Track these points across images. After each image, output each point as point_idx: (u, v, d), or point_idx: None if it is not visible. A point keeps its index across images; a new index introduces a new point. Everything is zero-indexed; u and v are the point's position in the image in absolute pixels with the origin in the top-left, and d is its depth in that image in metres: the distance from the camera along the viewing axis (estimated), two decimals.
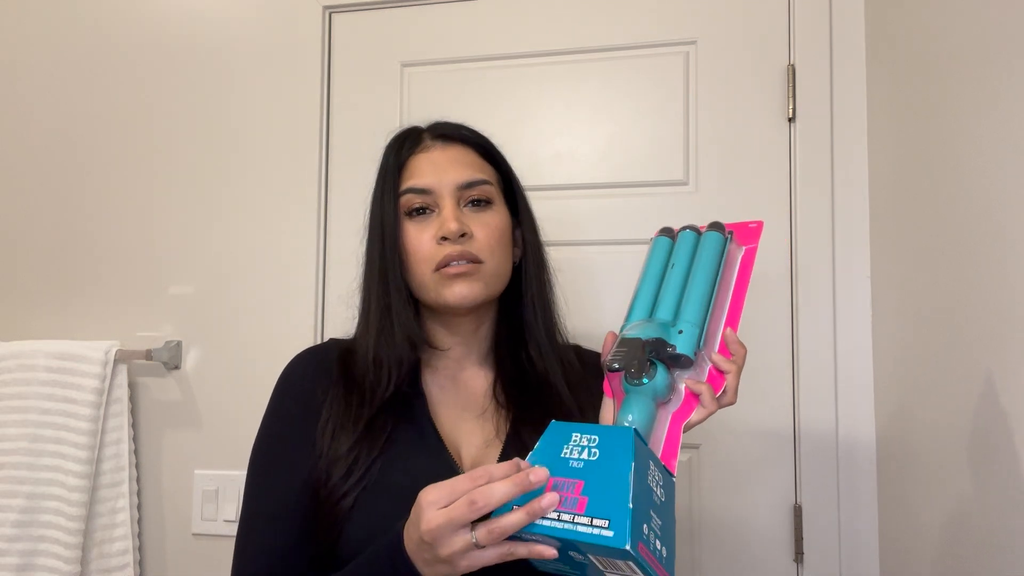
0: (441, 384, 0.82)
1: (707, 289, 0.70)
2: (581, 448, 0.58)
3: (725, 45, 1.23)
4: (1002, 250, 0.76)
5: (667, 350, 0.66)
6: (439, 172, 0.77)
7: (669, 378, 0.67)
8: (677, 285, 0.72)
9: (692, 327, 0.67)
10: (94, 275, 1.41)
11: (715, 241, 0.73)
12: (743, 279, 0.72)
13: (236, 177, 1.37)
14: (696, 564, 1.19)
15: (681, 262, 0.73)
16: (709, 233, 0.74)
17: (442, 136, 0.81)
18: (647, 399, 0.65)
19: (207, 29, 1.40)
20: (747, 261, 0.73)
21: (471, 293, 0.75)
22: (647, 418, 0.64)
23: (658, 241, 0.77)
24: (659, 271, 0.74)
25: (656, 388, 0.65)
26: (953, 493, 0.88)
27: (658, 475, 0.59)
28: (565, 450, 0.58)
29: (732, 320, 0.70)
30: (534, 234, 0.84)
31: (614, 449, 0.57)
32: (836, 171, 1.18)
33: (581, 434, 0.59)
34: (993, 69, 0.79)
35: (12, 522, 1.25)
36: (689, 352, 0.66)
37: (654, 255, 0.76)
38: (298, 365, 0.82)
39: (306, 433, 0.76)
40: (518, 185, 0.85)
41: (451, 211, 0.76)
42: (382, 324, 0.77)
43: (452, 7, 1.33)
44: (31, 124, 1.46)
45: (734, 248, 0.74)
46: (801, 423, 1.17)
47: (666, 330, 0.68)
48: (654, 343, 0.67)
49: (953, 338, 0.88)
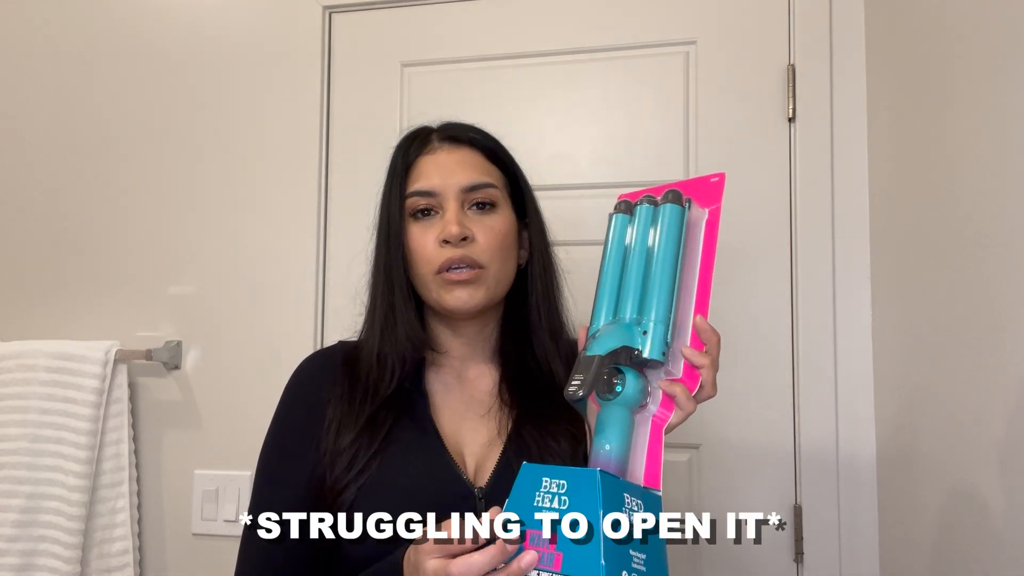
0: (446, 383, 0.82)
1: (669, 277, 0.65)
2: (552, 496, 0.56)
3: (725, 45, 1.23)
4: (1002, 249, 0.76)
5: (634, 355, 0.63)
6: (444, 174, 0.78)
7: (642, 382, 0.64)
8: (638, 275, 0.67)
9: (658, 325, 0.64)
10: (94, 275, 1.41)
11: (674, 215, 0.68)
12: (708, 250, 0.66)
13: (236, 177, 1.37)
14: (696, 564, 1.19)
15: (640, 246, 0.68)
16: (666, 206, 0.68)
17: (450, 138, 0.81)
18: (622, 410, 0.62)
19: (207, 29, 1.40)
20: (711, 226, 0.67)
21: (471, 299, 0.76)
22: (624, 433, 0.61)
23: (616, 220, 0.72)
24: (619, 257, 0.70)
25: (628, 398, 0.62)
26: (953, 493, 0.88)
27: (636, 503, 0.57)
28: (537, 498, 0.57)
29: (701, 303, 0.65)
30: (541, 236, 0.85)
31: (582, 497, 0.55)
32: (836, 171, 1.18)
33: (551, 479, 0.57)
34: (993, 69, 0.79)
35: (12, 522, 1.25)
36: (657, 355, 0.63)
37: (613, 238, 0.71)
38: (305, 370, 0.83)
39: (312, 440, 0.76)
40: (527, 187, 0.85)
41: (454, 214, 0.76)
42: (386, 322, 0.78)
43: (452, 7, 1.33)
44: (31, 124, 1.46)
45: (696, 213, 0.68)
46: (801, 423, 1.17)
47: (631, 332, 0.64)
48: (617, 353, 0.63)
49: (953, 338, 0.88)
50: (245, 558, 0.75)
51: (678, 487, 1.20)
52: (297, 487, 0.75)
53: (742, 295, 1.20)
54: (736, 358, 1.20)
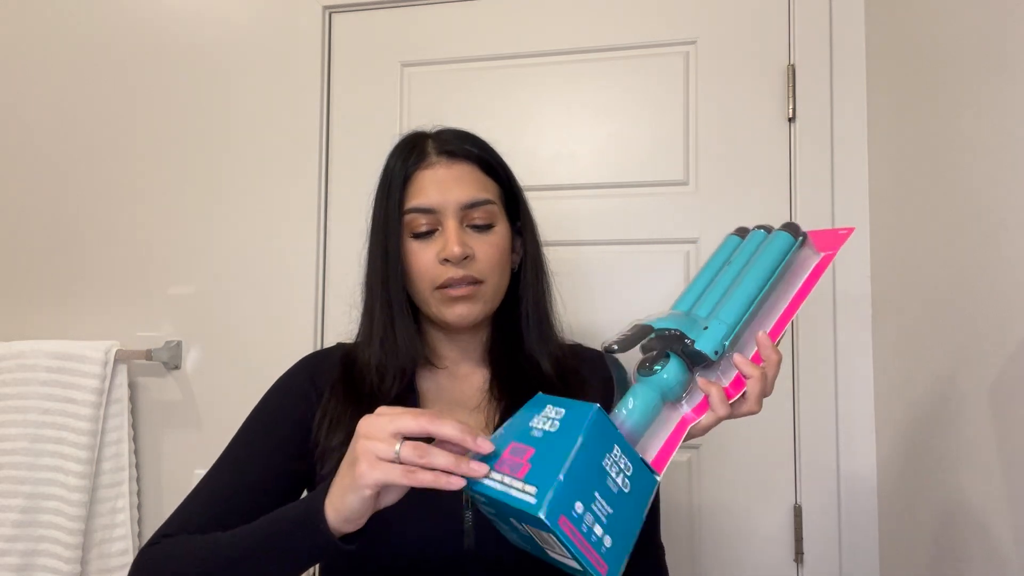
0: (438, 382, 0.83)
1: (753, 289, 0.65)
2: (546, 419, 0.58)
3: (725, 45, 1.23)
4: (1002, 249, 0.76)
5: (685, 344, 0.62)
6: (443, 191, 0.78)
7: (685, 375, 0.62)
8: (725, 283, 0.67)
9: (721, 325, 0.63)
10: (94, 275, 1.41)
11: (781, 242, 0.68)
12: (807, 286, 0.66)
13: (236, 177, 1.37)
14: (696, 564, 1.19)
15: (738, 261, 0.69)
16: (778, 233, 0.69)
17: (448, 152, 0.81)
18: (653, 392, 0.62)
19: (207, 29, 1.40)
20: (818, 268, 0.67)
21: (471, 314, 0.78)
22: (647, 410, 0.61)
23: (727, 240, 0.73)
24: (715, 269, 0.70)
25: (665, 383, 0.62)
26: (953, 493, 0.88)
27: (625, 463, 0.56)
28: (535, 419, 0.59)
29: (777, 326, 0.65)
30: (535, 244, 0.85)
31: (571, 423, 0.56)
32: (836, 171, 1.18)
33: (553, 406, 0.59)
34: (993, 69, 0.79)
35: (12, 522, 1.25)
36: (708, 350, 0.61)
37: (718, 253, 0.72)
38: (297, 367, 0.84)
39: (285, 430, 0.77)
40: (521, 194, 0.86)
41: (454, 233, 0.76)
42: (385, 336, 0.79)
43: (452, 7, 1.33)
44: (31, 124, 1.46)
45: (808, 254, 0.68)
46: (801, 423, 1.17)
47: (693, 323, 0.63)
48: (671, 335, 0.62)
49: (953, 337, 0.88)
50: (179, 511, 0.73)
51: (678, 487, 1.20)
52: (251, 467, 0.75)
53: None
54: None
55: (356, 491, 0.55)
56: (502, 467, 0.56)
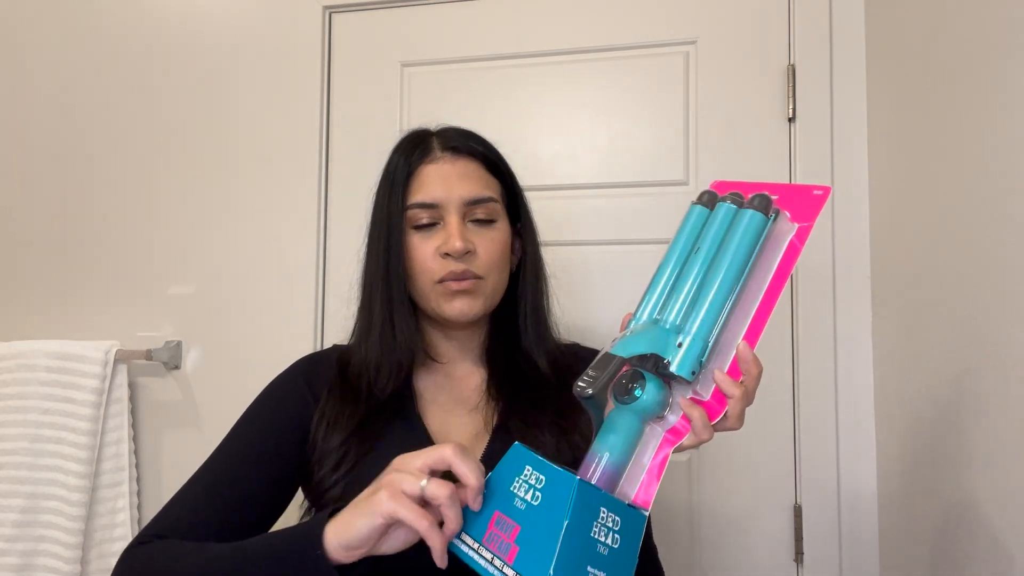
0: (435, 382, 0.83)
1: (725, 292, 0.60)
2: (528, 487, 0.55)
3: (725, 45, 1.23)
4: (1003, 248, 0.76)
5: (662, 365, 0.59)
6: (447, 186, 0.78)
7: (664, 393, 0.60)
8: (695, 279, 0.62)
9: (696, 340, 0.59)
10: (94, 275, 1.41)
11: (754, 224, 0.61)
12: (782, 273, 0.60)
13: (236, 177, 1.37)
14: (696, 564, 1.19)
15: (708, 248, 0.62)
16: (748, 212, 0.62)
17: (452, 148, 0.81)
18: (634, 418, 0.60)
19: (207, 29, 1.40)
20: (793, 247, 0.60)
21: (471, 310, 0.78)
22: (629, 441, 0.59)
23: (692, 211, 0.66)
24: (684, 253, 0.64)
25: (645, 406, 0.59)
26: (953, 493, 0.88)
27: (613, 520, 0.54)
28: (516, 483, 0.56)
29: (754, 329, 0.60)
30: (534, 245, 0.85)
31: (555, 499, 0.53)
32: (836, 171, 1.18)
33: (532, 469, 0.56)
34: (993, 68, 0.79)
35: (12, 522, 1.25)
36: (686, 373, 0.59)
37: (684, 229, 0.66)
38: (292, 369, 0.84)
39: (277, 429, 0.77)
40: (522, 196, 0.86)
41: (456, 228, 0.76)
42: (384, 331, 0.79)
43: (452, 7, 1.33)
44: (31, 124, 1.46)
45: (783, 228, 0.61)
46: (801, 423, 1.17)
47: (666, 341, 0.60)
48: (646, 360, 0.60)
49: (953, 337, 0.88)
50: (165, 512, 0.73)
51: (678, 487, 1.20)
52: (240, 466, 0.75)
53: None
54: None
55: (368, 517, 0.55)
56: (490, 543, 0.55)
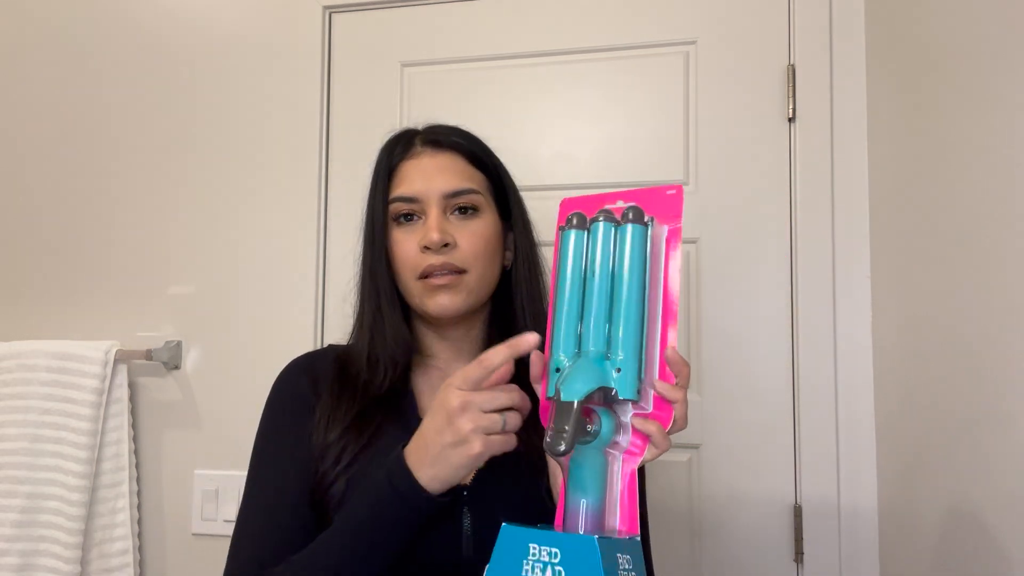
0: (433, 383, 0.83)
1: (637, 306, 0.61)
2: (543, 565, 0.53)
3: (725, 45, 1.23)
4: (1002, 249, 0.76)
5: (610, 395, 0.60)
6: (427, 180, 0.78)
7: (614, 420, 0.61)
8: (602, 303, 0.62)
9: (630, 361, 0.60)
10: (94, 275, 1.41)
11: (637, 237, 0.62)
12: (665, 273, 0.62)
13: (236, 177, 1.37)
14: (696, 564, 1.19)
15: (602, 270, 0.63)
16: (627, 227, 0.62)
17: (433, 142, 0.81)
18: (598, 454, 0.60)
19: (207, 29, 1.40)
20: (669, 247, 0.62)
21: (452, 304, 0.77)
22: (600, 481, 0.60)
23: (571, 237, 0.65)
24: (578, 281, 0.64)
25: (604, 439, 0.60)
26: (954, 492, 0.88)
27: (626, 560, 0.54)
28: (525, 566, 0.54)
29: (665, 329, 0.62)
30: (527, 238, 0.85)
31: (580, 567, 0.52)
32: (836, 171, 1.18)
33: (539, 546, 0.54)
34: (993, 69, 0.79)
35: (12, 522, 1.25)
36: (631, 394, 0.59)
37: (570, 258, 0.64)
38: (290, 370, 0.84)
39: (301, 433, 0.77)
40: (512, 189, 0.85)
41: (435, 220, 0.76)
42: (374, 326, 0.80)
43: (452, 7, 1.33)
44: (31, 124, 1.46)
45: (657, 231, 0.63)
46: (801, 423, 1.17)
47: (604, 371, 0.60)
48: (591, 394, 0.60)
49: (953, 337, 0.88)
50: (235, 553, 0.75)
51: (678, 487, 1.20)
52: (287, 480, 0.75)
53: (742, 295, 1.20)
54: (736, 358, 1.20)
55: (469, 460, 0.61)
56: None
